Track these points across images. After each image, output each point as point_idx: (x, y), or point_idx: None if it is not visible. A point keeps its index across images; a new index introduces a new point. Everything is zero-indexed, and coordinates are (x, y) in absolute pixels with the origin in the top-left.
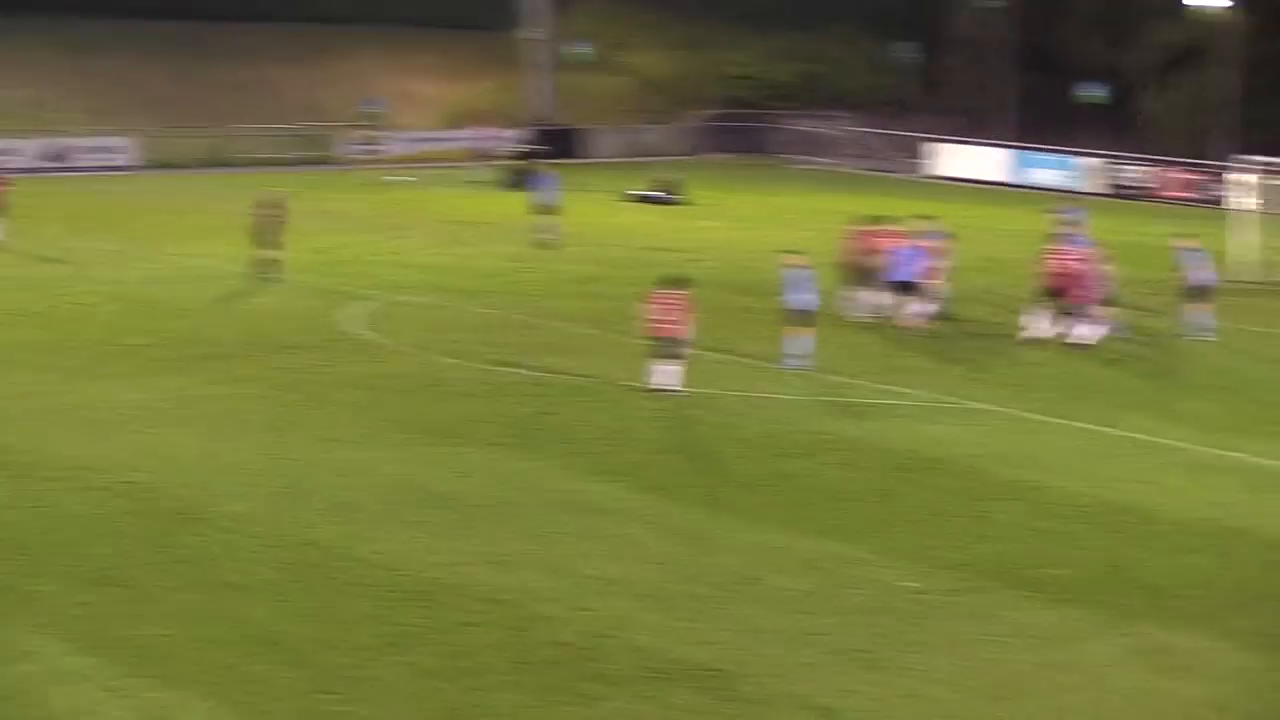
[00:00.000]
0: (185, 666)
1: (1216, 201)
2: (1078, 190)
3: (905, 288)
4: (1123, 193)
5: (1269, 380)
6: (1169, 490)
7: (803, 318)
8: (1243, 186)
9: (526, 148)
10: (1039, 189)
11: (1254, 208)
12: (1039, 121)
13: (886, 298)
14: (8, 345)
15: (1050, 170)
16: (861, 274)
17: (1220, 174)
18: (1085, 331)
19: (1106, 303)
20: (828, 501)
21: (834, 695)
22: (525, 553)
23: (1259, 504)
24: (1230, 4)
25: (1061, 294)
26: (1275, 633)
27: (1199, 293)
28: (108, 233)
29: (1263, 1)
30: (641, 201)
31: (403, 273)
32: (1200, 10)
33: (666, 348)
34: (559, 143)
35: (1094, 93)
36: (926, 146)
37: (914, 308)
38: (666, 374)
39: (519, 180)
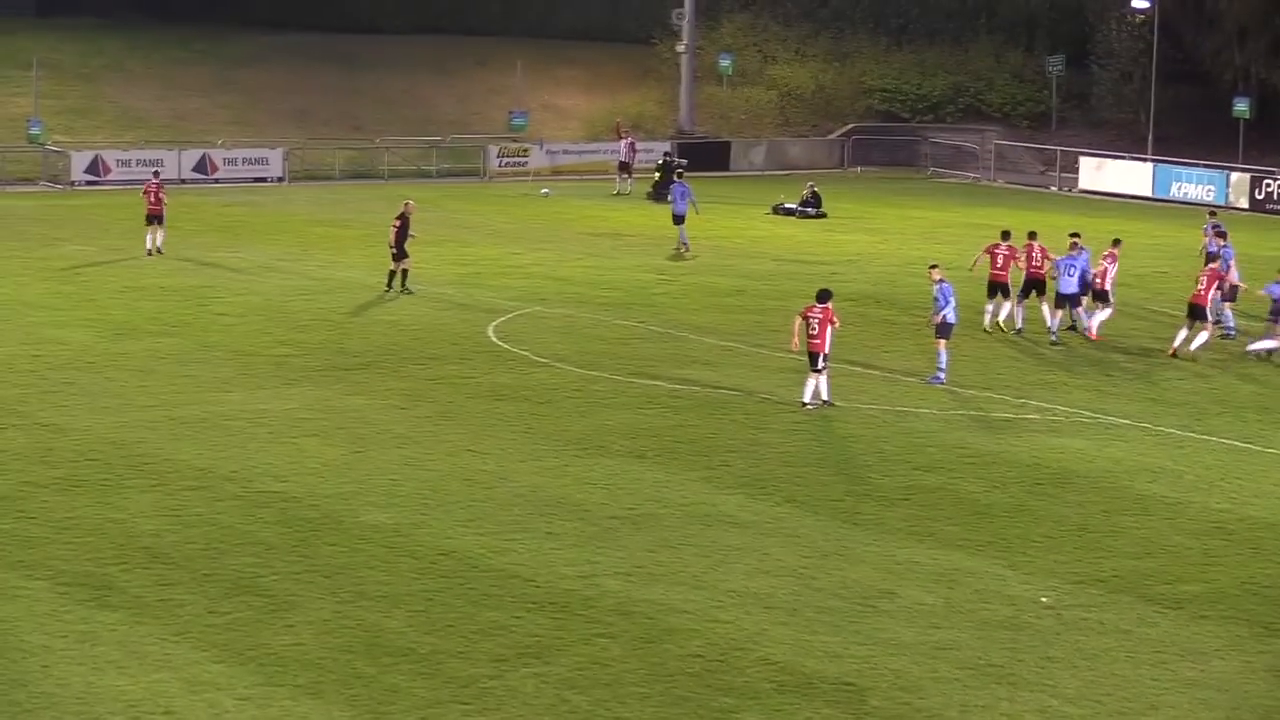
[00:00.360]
0: (320, 675)
1: None
2: (1222, 205)
3: (1069, 299)
4: (1269, 208)
5: None
6: None
7: (946, 330)
8: None
9: (670, 160)
10: (1184, 203)
11: None
12: (1186, 135)
13: (1045, 310)
14: (153, 354)
15: (1194, 185)
16: (1002, 287)
17: None
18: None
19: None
20: (964, 516)
21: (965, 710)
22: (659, 565)
23: None
24: None
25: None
26: None
27: None
28: (254, 244)
29: None
30: (785, 214)
31: (543, 284)
32: None
33: (816, 361)
34: (703, 155)
35: (1241, 107)
36: (1072, 160)
37: (1091, 317)
38: (816, 386)
39: (662, 193)
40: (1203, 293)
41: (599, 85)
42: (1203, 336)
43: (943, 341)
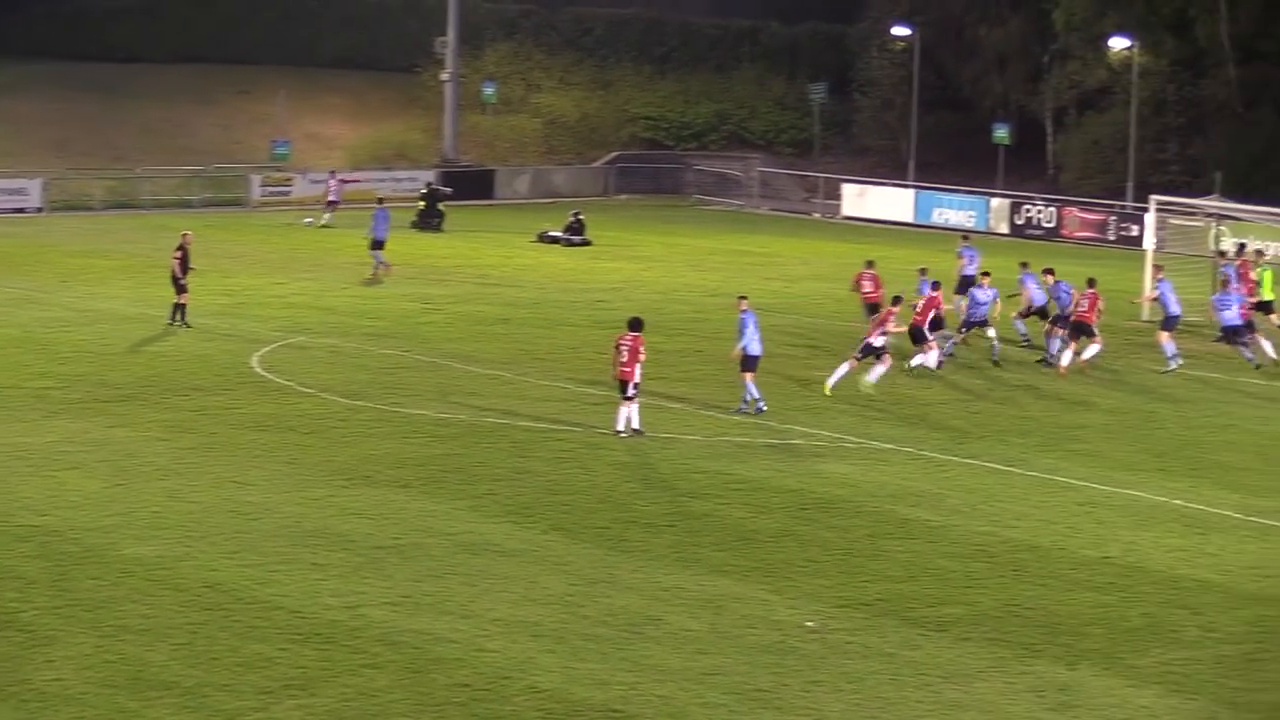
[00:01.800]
0: (82, 711)
1: (1124, 240)
2: (983, 230)
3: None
4: (1028, 233)
5: (1164, 417)
6: (1068, 528)
7: (749, 363)
8: (1154, 226)
9: (433, 189)
10: (946, 229)
11: (1162, 246)
12: (947, 161)
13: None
14: None
15: (955, 211)
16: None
17: (1128, 213)
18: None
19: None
20: (729, 541)
21: None
22: (426, 594)
23: (1153, 540)
24: (1139, 46)
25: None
26: (1174, 672)
27: (1073, 327)
28: (12, 276)
29: (1171, 44)
30: (550, 242)
31: (307, 314)
32: (1110, 52)
33: (626, 389)
34: (468, 184)
35: (1001, 133)
36: (835, 187)
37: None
38: (628, 415)
39: (427, 221)
40: (919, 317)
41: (363, 114)
42: (930, 356)
43: (748, 375)
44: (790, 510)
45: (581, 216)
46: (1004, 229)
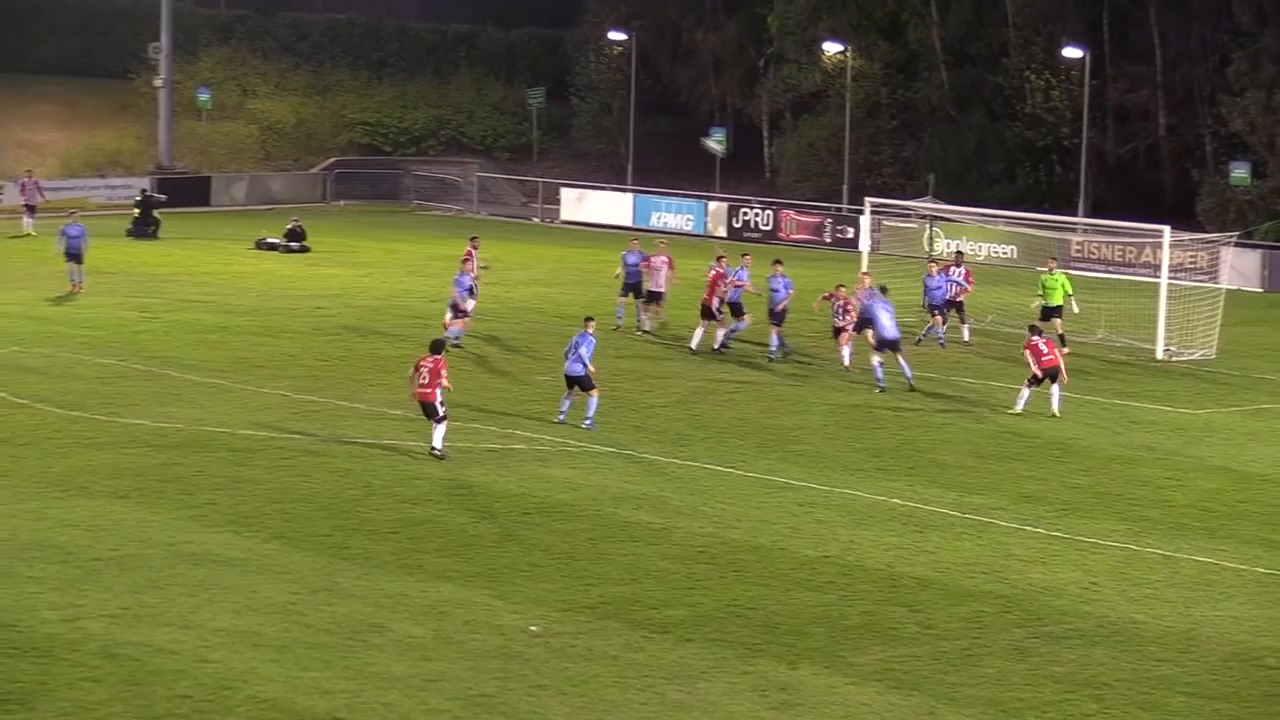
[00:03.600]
0: None
1: (840, 242)
2: (701, 234)
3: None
4: (746, 236)
5: (882, 418)
6: (789, 528)
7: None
8: (868, 227)
9: (148, 197)
10: (665, 233)
11: (876, 247)
12: (665, 165)
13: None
14: None
15: (673, 214)
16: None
17: (844, 216)
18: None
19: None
20: (452, 547)
21: None
22: (146, 606)
23: (871, 539)
24: (853, 50)
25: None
26: (893, 668)
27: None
28: None
29: (884, 48)
30: (268, 249)
31: (20, 324)
32: (825, 56)
33: (429, 410)
34: (184, 191)
35: (718, 137)
36: (554, 191)
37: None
38: (437, 435)
39: (141, 229)
40: (708, 296)
41: (76, 121)
42: (711, 331)
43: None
44: (513, 515)
45: (300, 223)
46: (722, 232)
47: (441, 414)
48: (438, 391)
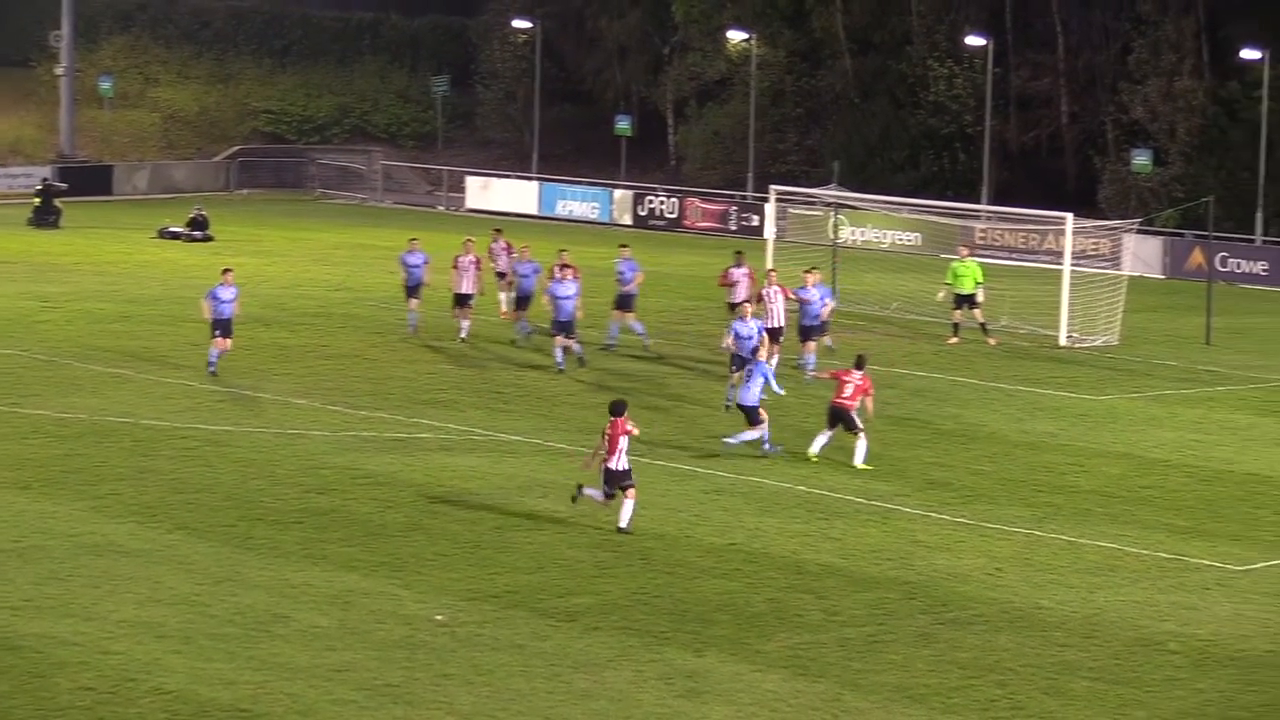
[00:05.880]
0: None
1: (746, 230)
2: (606, 222)
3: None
4: (651, 224)
5: (787, 405)
6: (695, 516)
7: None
8: (774, 215)
9: (49, 185)
10: (571, 221)
11: (782, 234)
12: (570, 153)
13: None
14: None
15: (578, 202)
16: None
17: (749, 203)
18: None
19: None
20: (357, 536)
21: None
22: (47, 597)
23: (777, 526)
24: (757, 38)
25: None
26: (799, 655)
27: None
28: None
29: (788, 35)
30: (171, 238)
31: None
32: (729, 43)
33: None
34: (85, 180)
35: (623, 125)
36: (459, 179)
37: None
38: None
39: (43, 219)
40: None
41: None
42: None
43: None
44: (418, 504)
45: (203, 212)
46: (627, 220)
47: (629, 481)
48: (623, 456)
